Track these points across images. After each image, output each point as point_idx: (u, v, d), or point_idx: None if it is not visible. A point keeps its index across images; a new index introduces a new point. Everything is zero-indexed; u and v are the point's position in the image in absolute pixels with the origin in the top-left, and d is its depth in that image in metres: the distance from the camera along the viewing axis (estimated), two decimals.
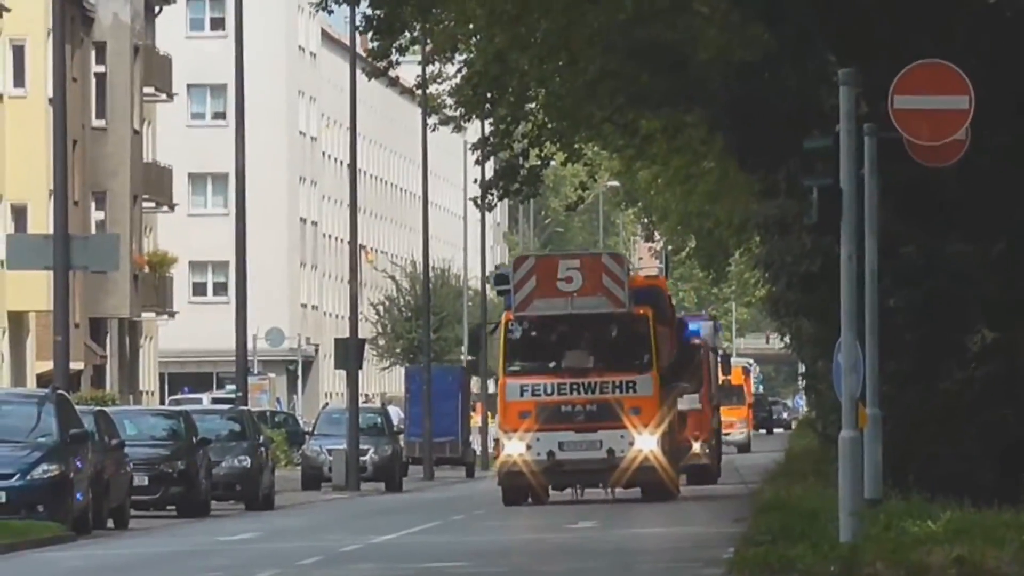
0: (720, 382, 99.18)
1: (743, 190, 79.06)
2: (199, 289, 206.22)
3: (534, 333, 40.71)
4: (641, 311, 40.76)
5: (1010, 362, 50.41)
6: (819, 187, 45.14)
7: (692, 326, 77.24)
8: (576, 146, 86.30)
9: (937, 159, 44.29)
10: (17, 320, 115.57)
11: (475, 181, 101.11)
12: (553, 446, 40.34)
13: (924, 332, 49.67)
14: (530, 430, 40.73)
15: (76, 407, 72.30)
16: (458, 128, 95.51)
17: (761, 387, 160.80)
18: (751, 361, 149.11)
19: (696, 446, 72.87)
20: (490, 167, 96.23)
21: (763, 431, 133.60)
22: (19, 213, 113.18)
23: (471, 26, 69.32)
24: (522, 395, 40.50)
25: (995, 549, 37.41)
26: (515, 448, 40.87)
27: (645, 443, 39.17)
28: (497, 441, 43.60)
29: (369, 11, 65.20)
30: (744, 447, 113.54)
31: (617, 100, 72.96)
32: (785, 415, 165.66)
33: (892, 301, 47.14)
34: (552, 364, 40.65)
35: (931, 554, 37.48)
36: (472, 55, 77.88)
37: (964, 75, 43.48)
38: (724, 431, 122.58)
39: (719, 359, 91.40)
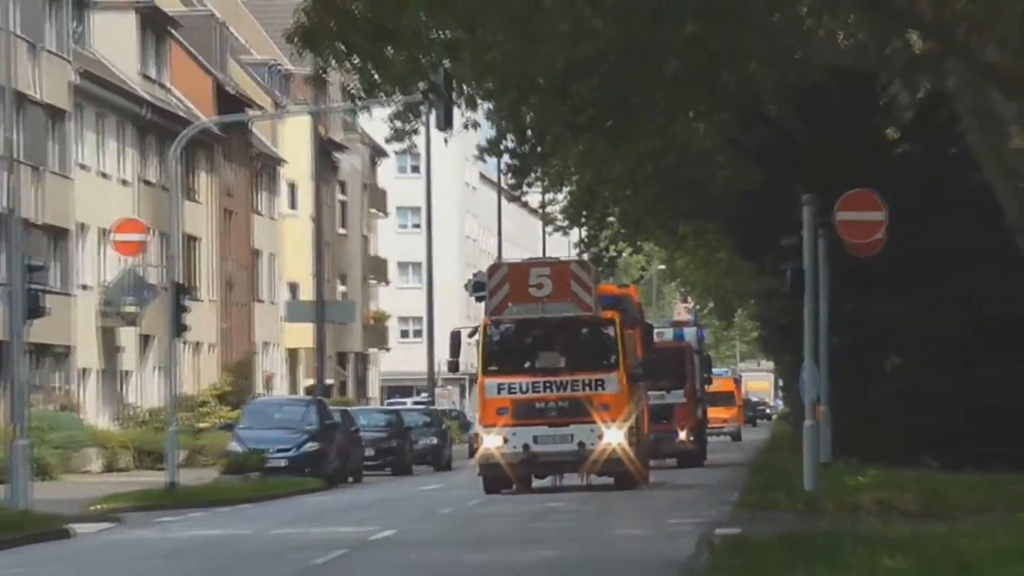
0: (706, 380, 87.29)
1: (744, 271, 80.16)
2: (404, 334, 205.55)
3: (509, 336, 36.43)
4: (609, 315, 36.66)
5: (913, 380, 52.02)
6: (791, 269, 46.27)
7: (679, 332, 72.01)
8: (639, 243, 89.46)
9: (865, 252, 45.29)
10: (293, 353, 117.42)
11: None
12: (528, 440, 36.07)
13: (857, 360, 51.23)
14: (507, 425, 36.67)
15: (329, 407, 72.95)
16: (565, 233, 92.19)
17: (748, 394, 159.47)
18: (741, 374, 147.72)
19: (682, 434, 66.16)
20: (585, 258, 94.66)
21: (750, 425, 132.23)
22: (293, 288, 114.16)
23: (572, 168, 69.96)
24: (499, 393, 36.24)
25: (901, 494, 38.74)
26: (493, 442, 37.07)
27: (613, 436, 35.00)
28: (476, 435, 39.94)
29: (509, 161, 64.41)
30: (736, 436, 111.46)
31: (665, 216, 75.17)
32: (768, 412, 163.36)
33: (836, 340, 48.36)
34: (526, 364, 36.52)
35: (861, 497, 39.33)
36: (573, 187, 77.73)
37: (881, 198, 44.03)
38: (720, 425, 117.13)
39: (703, 360, 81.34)
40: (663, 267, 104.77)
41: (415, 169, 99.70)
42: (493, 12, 41.00)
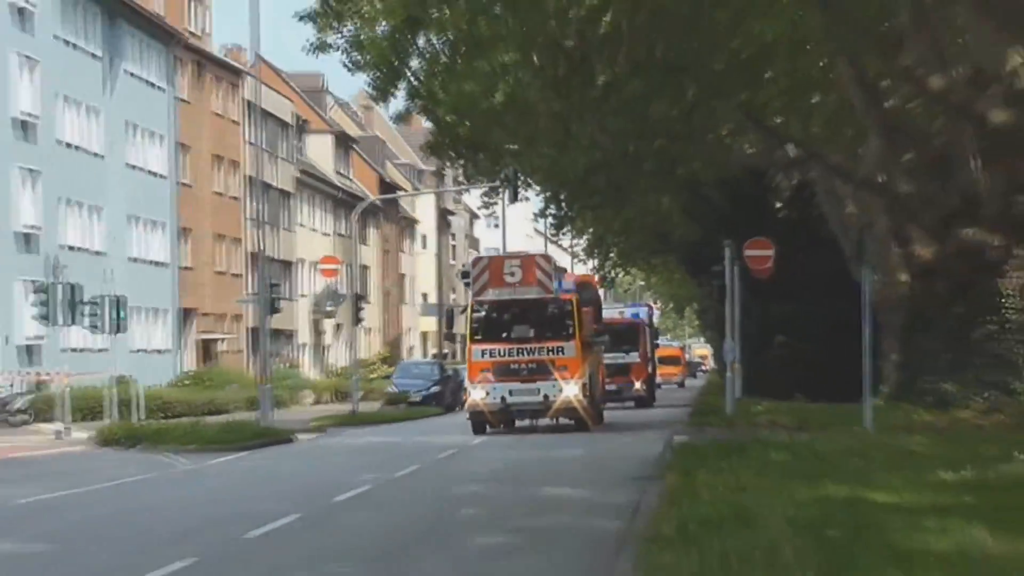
0: (655, 346, 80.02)
1: (691, 286, 79.20)
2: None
3: (490, 312, 34.65)
4: (567, 297, 34.74)
5: (790, 350, 51.36)
6: (718, 285, 47.94)
7: (635, 312, 65.19)
8: (628, 269, 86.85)
9: (762, 274, 43.94)
10: (424, 335, 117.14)
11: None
12: (505, 393, 34.22)
13: (757, 338, 50.33)
14: (488, 382, 34.39)
15: (445, 366, 73.67)
16: (583, 262, 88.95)
17: (693, 357, 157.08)
18: (688, 344, 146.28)
19: (637, 384, 59.33)
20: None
21: (693, 377, 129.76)
22: (424, 296, 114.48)
23: (589, 225, 68.17)
24: (483, 356, 34.49)
25: (785, 416, 37.00)
26: (478, 395, 35.29)
27: (569, 390, 33.19)
28: (465, 390, 37.90)
29: (551, 220, 65.01)
30: (681, 384, 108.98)
31: (644, 253, 74.37)
32: (705, 369, 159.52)
33: (744, 326, 47.39)
34: (504, 334, 34.97)
35: (758, 417, 37.97)
36: (589, 236, 74.53)
37: (771, 242, 43.25)
38: (671, 377, 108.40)
39: (652, 331, 71.13)
40: (643, 283, 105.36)
41: (496, 225, 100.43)
42: (541, 135, 39.72)
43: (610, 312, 60.31)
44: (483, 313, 33.57)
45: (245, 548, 17.27)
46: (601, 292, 64.60)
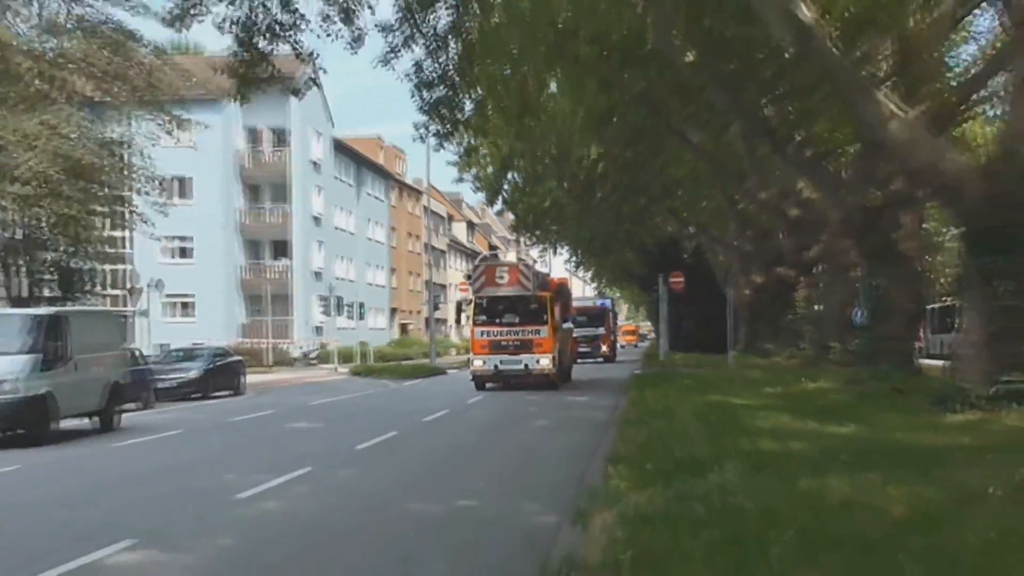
0: (617, 324, 67.00)
1: (643, 296, 65.71)
2: None
3: (488, 305, 28.80)
4: (543, 294, 28.73)
5: (691, 329, 46.17)
6: (655, 296, 43.12)
7: (603, 302, 51.89)
8: (613, 286, 71.98)
9: (677, 289, 37.85)
10: None
11: None
12: (497, 362, 28.14)
13: (677, 324, 43.67)
14: (485, 354, 28.40)
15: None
16: (588, 283, 76.12)
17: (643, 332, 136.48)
18: (640, 325, 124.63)
19: (603, 348, 47.91)
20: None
21: (643, 341, 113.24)
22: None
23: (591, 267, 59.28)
24: (482, 336, 28.49)
25: (689, 361, 35.10)
26: (478, 363, 28.56)
27: (543, 362, 27.63)
28: (469, 360, 30.04)
29: (571, 261, 56.89)
30: (636, 346, 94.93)
31: (619, 280, 64.43)
32: (649, 337, 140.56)
33: (670, 318, 40.86)
34: (498, 320, 28.55)
35: (676, 362, 35.71)
36: (592, 269, 61.34)
37: (682, 273, 38.29)
38: (629, 342, 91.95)
39: (614, 314, 58.51)
40: (619, 295, 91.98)
41: (545, 266, 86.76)
42: (568, 222, 38.43)
43: (587, 302, 50.46)
44: (484, 305, 27.31)
45: (425, 428, 17.40)
46: (607, 299, 56.22)
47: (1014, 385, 12.40)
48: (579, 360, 39.13)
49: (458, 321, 31.32)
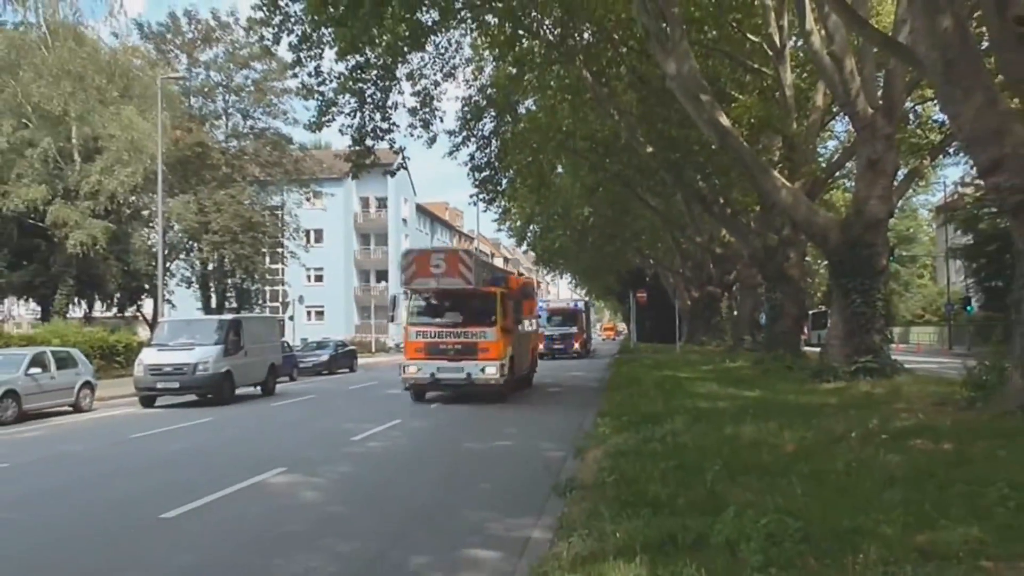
0: (590, 324, 43.68)
1: (620, 305, 55.73)
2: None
3: (424, 299, 14.37)
4: (492, 290, 14.46)
5: (652, 327, 42.48)
6: (627, 307, 41.52)
7: (578, 304, 35.20)
8: (600, 299, 64.44)
9: (641, 302, 34.69)
10: None
11: None
12: (434, 370, 14.02)
13: (643, 325, 41.21)
14: (421, 359, 14.09)
15: None
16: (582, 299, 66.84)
17: (620, 330, 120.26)
18: (619, 324, 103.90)
19: (576, 345, 31.77)
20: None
21: (620, 336, 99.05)
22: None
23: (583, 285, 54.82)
24: (417, 337, 14.13)
25: (650, 349, 33.57)
26: (412, 370, 14.12)
27: (489, 371, 13.85)
28: (402, 367, 14.29)
29: (572, 284, 53.95)
30: (614, 340, 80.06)
31: (603, 295, 58.69)
32: (624, 333, 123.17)
33: (637, 320, 39.49)
34: (436, 319, 14.15)
35: (640, 351, 31.82)
36: (586, 288, 56.45)
37: (645, 291, 35.78)
38: (608, 337, 75.40)
39: (588, 315, 33.93)
40: (601, 303, 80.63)
41: (555, 288, 75.64)
42: (569, 259, 37.60)
43: (563, 304, 37.20)
44: (420, 300, 15.06)
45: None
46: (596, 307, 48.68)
47: (864, 364, 12.63)
48: (554, 357, 31.29)
49: (392, 319, 16.19)
